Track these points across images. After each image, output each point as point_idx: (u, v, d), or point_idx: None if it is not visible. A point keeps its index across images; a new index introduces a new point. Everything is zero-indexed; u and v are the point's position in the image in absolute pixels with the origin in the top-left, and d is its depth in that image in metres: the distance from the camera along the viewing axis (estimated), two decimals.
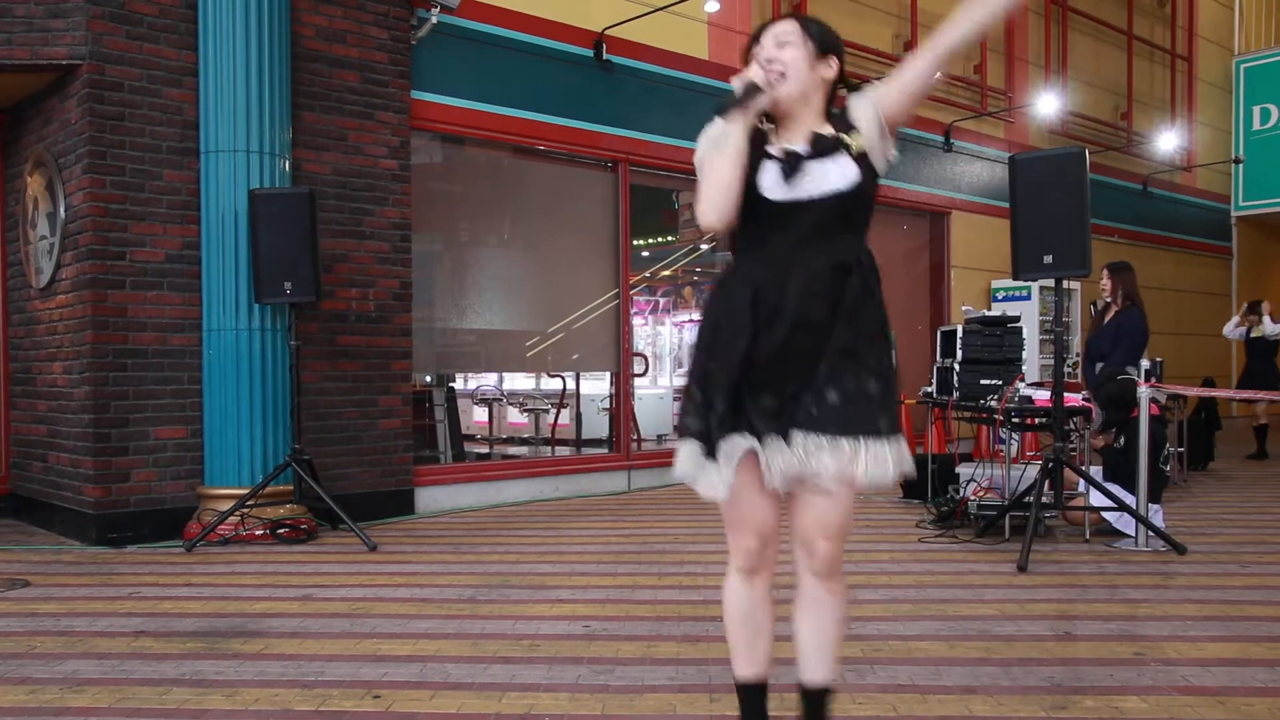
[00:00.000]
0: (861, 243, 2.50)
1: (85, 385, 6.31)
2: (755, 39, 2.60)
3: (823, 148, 2.47)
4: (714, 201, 2.46)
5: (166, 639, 4.16)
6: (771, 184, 2.46)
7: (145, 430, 6.40)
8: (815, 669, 2.64)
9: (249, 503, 6.26)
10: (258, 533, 6.33)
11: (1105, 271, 7.68)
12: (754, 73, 2.51)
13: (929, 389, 7.86)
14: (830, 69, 2.54)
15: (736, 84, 2.51)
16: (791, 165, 2.46)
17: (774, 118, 2.58)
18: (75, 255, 6.44)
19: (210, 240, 6.51)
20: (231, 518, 6.25)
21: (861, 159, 2.47)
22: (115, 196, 6.32)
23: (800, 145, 2.49)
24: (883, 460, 2.44)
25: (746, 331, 2.43)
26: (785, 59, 2.50)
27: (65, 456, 6.64)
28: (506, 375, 12.51)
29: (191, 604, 4.78)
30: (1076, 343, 12.21)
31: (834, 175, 2.44)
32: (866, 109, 2.51)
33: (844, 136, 2.47)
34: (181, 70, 6.52)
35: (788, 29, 2.54)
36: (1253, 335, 10.72)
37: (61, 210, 6.58)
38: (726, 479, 2.51)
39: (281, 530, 6.36)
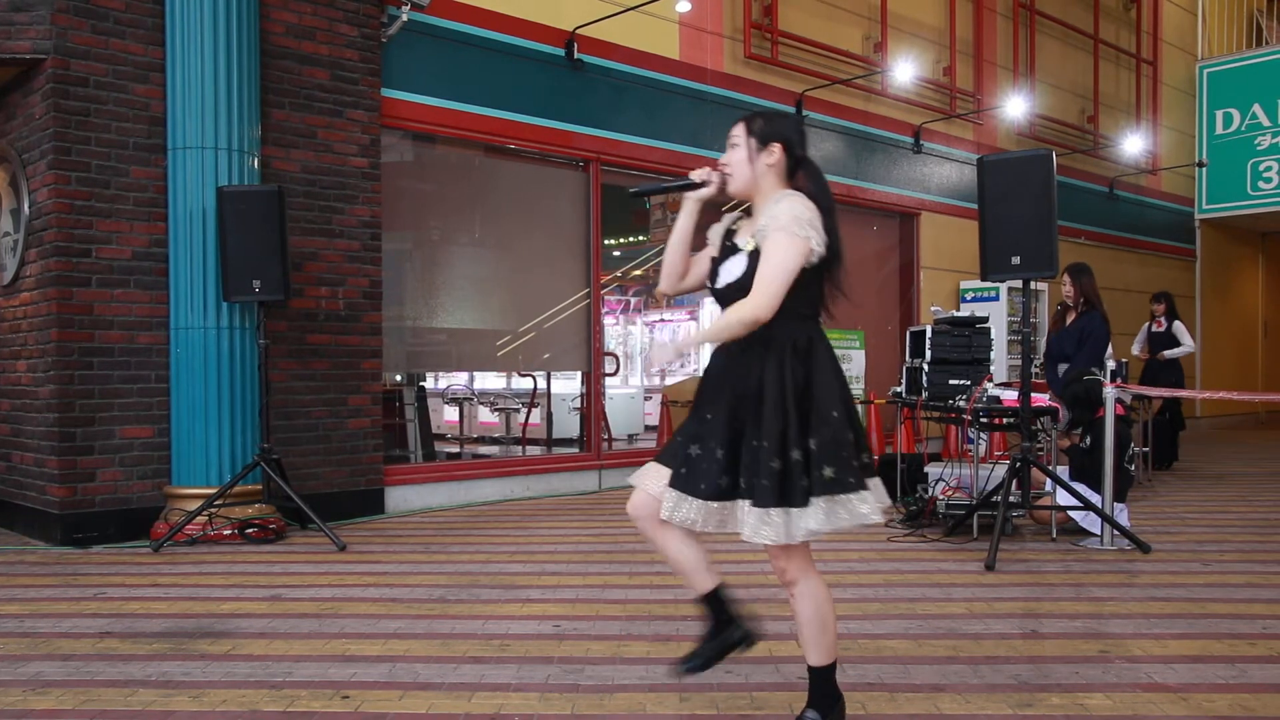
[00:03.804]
0: (782, 324, 2.74)
1: (50, 384, 6.24)
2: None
3: (728, 250, 2.91)
4: (662, 273, 3.05)
5: (133, 640, 4.12)
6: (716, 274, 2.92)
7: (111, 429, 6.34)
8: (806, 653, 2.90)
9: (217, 502, 6.21)
10: (225, 533, 6.29)
11: (1066, 275, 7.75)
12: (700, 172, 2.95)
13: (898, 389, 7.90)
14: (772, 156, 2.87)
15: (691, 175, 2.96)
16: (714, 263, 2.95)
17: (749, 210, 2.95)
18: (40, 252, 6.37)
19: (178, 238, 6.45)
20: (199, 517, 6.20)
21: (754, 254, 2.78)
22: (81, 193, 6.25)
23: (715, 249, 2.96)
24: (768, 524, 2.69)
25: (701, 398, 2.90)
26: (731, 160, 2.91)
27: (30, 456, 6.56)
28: (477, 374, 12.49)
29: (158, 604, 4.73)
30: (1044, 343, 12.32)
31: (733, 269, 2.85)
32: (760, 231, 2.77)
33: (737, 242, 2.89)
34: (148, 66, 6.46)
35: (736, 131, 2.92)
36: (1154, 331, 10.73)
37: (26, 206, 6.50)
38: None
39: (250, 530, 6.31)
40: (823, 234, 2.75)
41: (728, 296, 2.83)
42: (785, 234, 2.70)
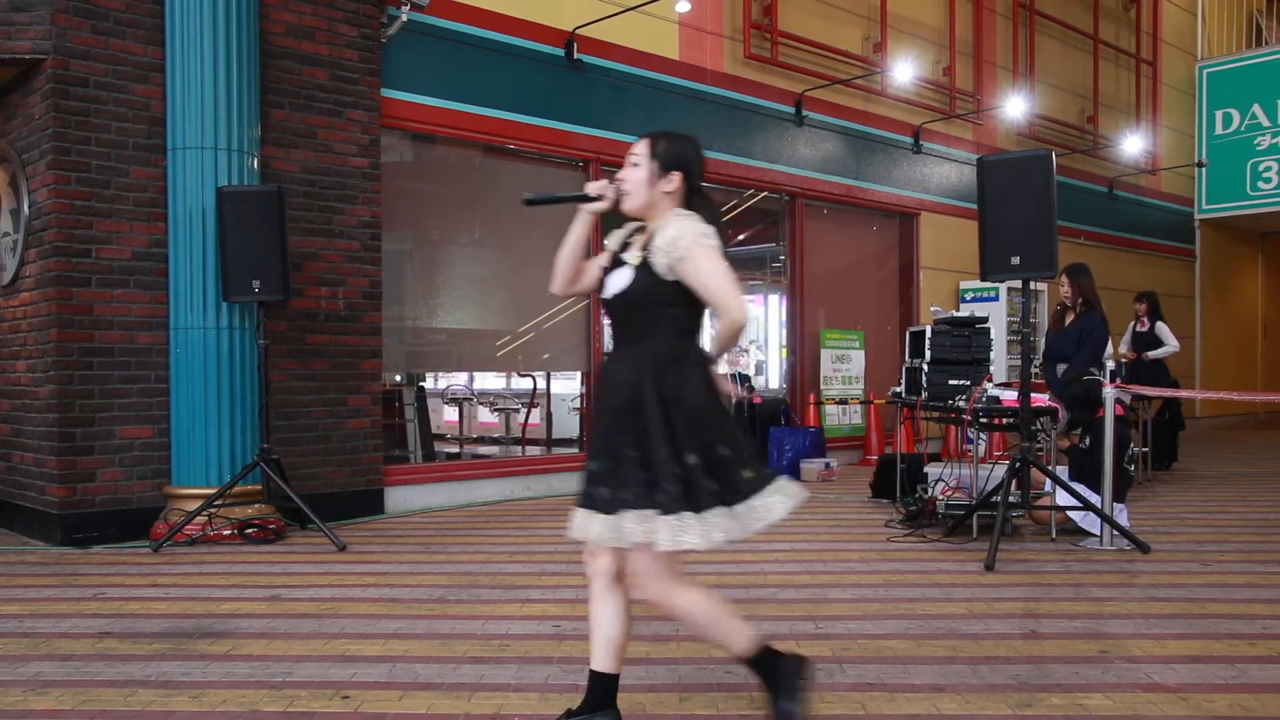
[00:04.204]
0: (664, 336, 2.83)
1: (50, 384, 6.24)
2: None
3: (616, 262, 2.95)
4: (554, 276, 3.05)
5: (132, 640, 4.12)
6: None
7: (111, 429, 6.34)
8: (601, 658, 2.99)
9: (216, 502, 6.21)
10: (225, 533, 6.29)
11: (1064, 275, 7.75)
12: (596, 185, 2.96)
13: (898, 389, 7.91)
14: (671, 184, 2.93)
15: (587, 188, 2.98)
16: (604, 272, 2.98)
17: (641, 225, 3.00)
18: (40, 252, 6.37)
19: (178, 238, 6.45)
20: (199, 518, 6.20)
21: (641, 268, 2.84)
22: (81, 193, 6.25)
23: (606, 261, 3.00)
24: (674, 530, 2.71)
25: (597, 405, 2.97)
26: (630, 178, 2.94)
27: (30, 456, 6.56)
28: (477, 375, 12.48)
29: (158, 605, 4.73)
30: (1043, 343, 12.32)
31: (619, 281, 2.89)
32: (665, 251, 2.79)
33: (622, 255, 2.93)
34: (148, 66, 6.46)
35: (639, 149, 2.97)
36: (1138, 331, 10.69)
37: (25, 207, 6.50)
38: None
39: (249, 530, 6.31)
40: (719, 241, 2.85)
41: (616, 306, 2.91)
42: (701, 249, 2.77)
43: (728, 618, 2.94)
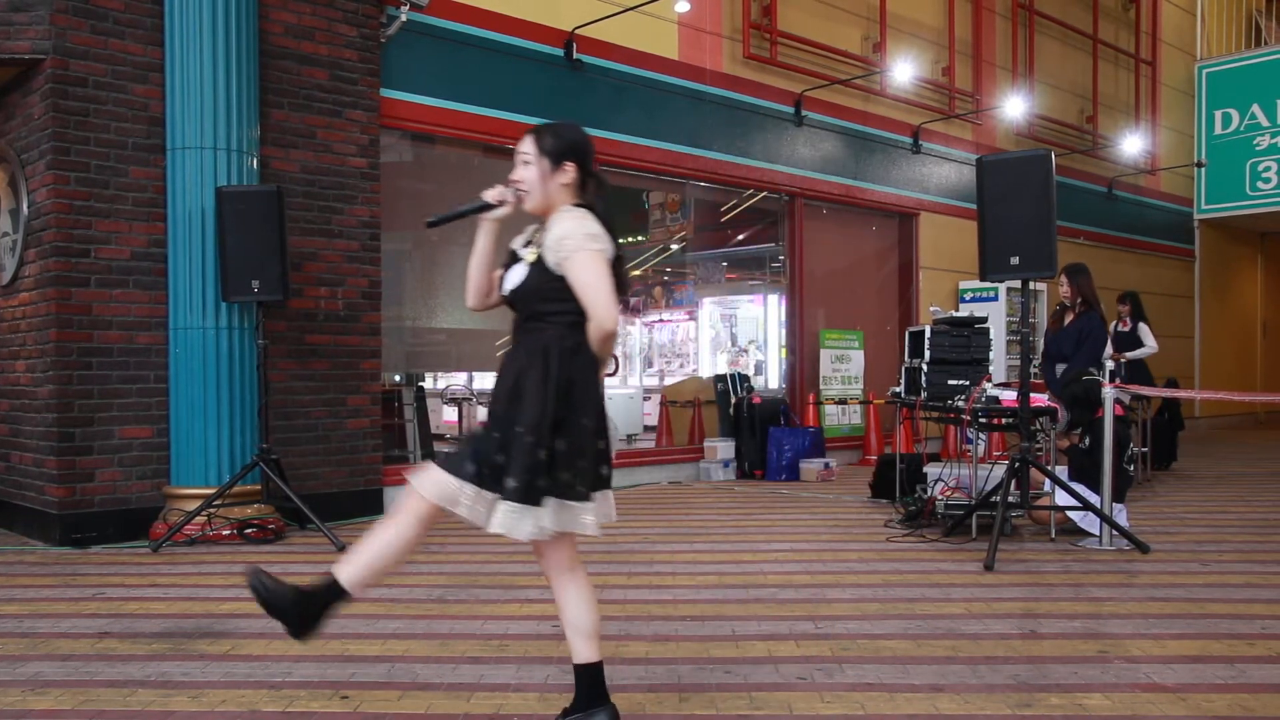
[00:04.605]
0: (553, 330, 2.86)
1: (49, 384, 6.24)
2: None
3: (513, 258, 2.99)
4: (467, 288, 3.08)
5: (131, 640, 4.12)
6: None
7: (110, 429, 6.34)
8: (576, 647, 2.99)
9: (216, 502, 6.21)
10: (225, 533, 6.28)
11: (1064, 275, 7.74)
12: (493, 192, 2.98)
13: (897, 389, 7.91)
14: (566, 175, 2.97)
15: (484, 196, 3.00)
16: (505, 269, 3.02)
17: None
18: (39, 252, 6.37)
19: (177, 238, 6.45)
20: (198, 518, 6.20)
21: (535, 264, 2.88)
22: (80, 193, 6.25)
23: (507, 256, 3.03)
24: (504, 516, 2.80)
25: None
26: (524, 178, 2.98)
27: (29, 456, 6.55)
28: (476, 374, 12.47)
29: (157, 605, 4.73)
30: (1042, 343, 12.31)
31: (515, 277, 2.94)
32: (553, 248, 2.84)
33: (518, 250, 2.98)
34: (147, 66, 6.46)
35: (525, 148, 2.99)
36: (1120, 330, 10.67)
37: (25, 206, 6.49)
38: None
39: (249, 530, 6.31)
40: (610, 242, 2.87)
41: (514, 302, 2.95)
42: (584, 252, 2.80)
43: (387, 572, 2.94)
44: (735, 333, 14.18)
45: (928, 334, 7.28)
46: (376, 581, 2.91)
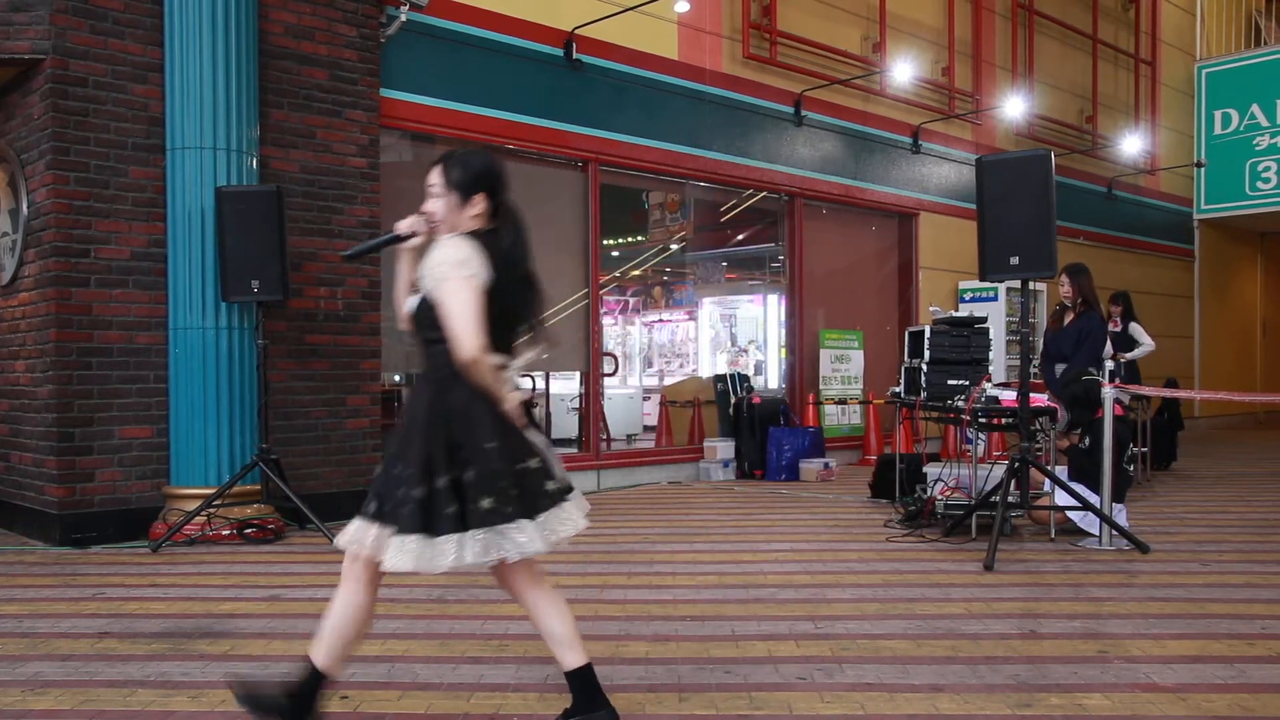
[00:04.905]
0: (438, 359, 2.87)
1: (49, 384, 6.24)
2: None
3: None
4: (398, 316, 3.11)
5: (131, 640, 4.12)
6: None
7: (110, 429, 6.34)
8: (563, 656, 2.98)
9: (215, 502, 6.21)
10: (224, 533, 6.28)
11: (1065, 275, 7.74)
12: (406, 223, 3.04)
13: (897, 389, 7.90)
14: (476, 207, 2.97)
15: (397, 228, 3.07)
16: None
17: None
18: (39, 252, 6.36)
19: (177, 238, 6.45)
20: (198, 518, 6.20)
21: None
22: (80, 193, 6.25)
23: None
24: (397, 550, 2.80)
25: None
26: (436, 210, 2.99)
27: (28, 456, 6.55)
28: None
29: (157, 605, 4.73)
30: (1041, 343, 12.31)
31: (411, 303, 3.01)
32: (428, 275, 2.87)
33: (418, 280, 2.96)
34: (147, 66, 6.46)
35: (434, 180, 2.98)
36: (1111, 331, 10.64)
37: (24, 206, 6.49)
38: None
39: (248, 530, 6.31)
40: (488, 266, 2.84)
41: (411, 327, 3.01)
42: (451, 280, 2.80)
43: (354, 640, 3.01)
44: (735, 333, 14.19)
45: (927, 334, 7.29)
46: (350, 651, 3.00)
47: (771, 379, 12.40)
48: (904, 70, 11.15)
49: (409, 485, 2.78)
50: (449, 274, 2.80)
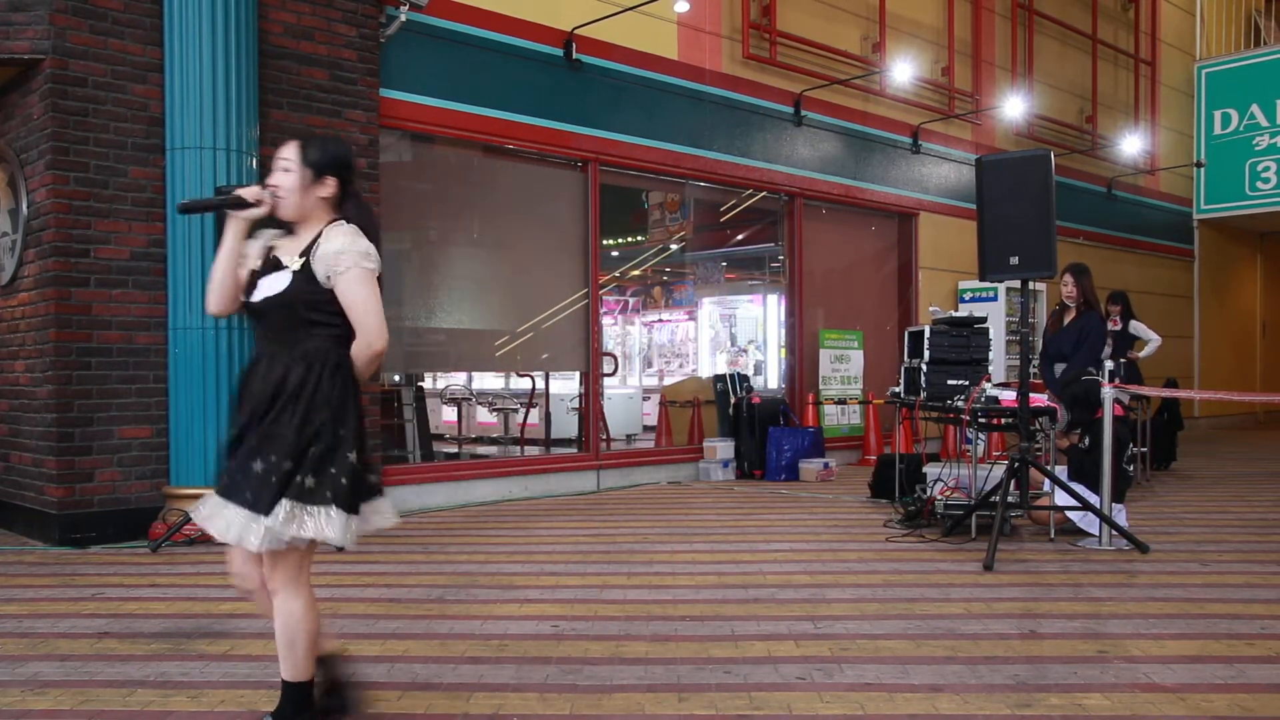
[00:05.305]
0: (316, 342, 2.86)
1: (48, 384, 6.24)
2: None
3: (271, 265, 2.91)
4: (209, 292, 2.97)
5: (131, 640, 4.12)
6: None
7: (110, 429, 6.33)
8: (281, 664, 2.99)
9: None
10: None
11: (1068, 274, 7.74)
12: (250, 191, 2.92)
13: (897, 389, 7.91)
14: (326, 189, 2.94)
15: (240, 193, 2.93)
16: (254, 275, 2.92)
17: (290, 228, 2.99)
18: (38, 252, 6.36)
19: (176, 238, 6.45)
20: None
21: (300, 272, 2.85)
22: (79, 193, 6.25)
23: (257, 263, 2.93)
24: (238, 526, 2.77)
25: (236, 404, 2.95)
26: (283, 184, 2.92)
27: (28, 456, 6.55)
28: (475, 374, 12.48)
29: (156, 605, 4.73)
30: (1040, 343, 12.31)
31: (276, 284, 2.87)
32: (326, 262, 2.83)
33: (281, 258, 2.90)
34: (147, 66, 6.46)
35: (288, 155, 2.93)
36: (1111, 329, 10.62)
37: (24, 206, 6.49)
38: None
39: None
40: (378, 259, 2.90)
41: (266, 310, 2.89)
42: (359, 270, 2.84)
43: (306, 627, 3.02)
44: (735, 333, 14.19)
45: (927, 334, 7.29)
46: (312, 648, 3.02)
47: (771, 379, 12.40)
48: (904, 70, 11.15)
49: (251, 460, 2.78)
50: (357, 264, 2.83)
